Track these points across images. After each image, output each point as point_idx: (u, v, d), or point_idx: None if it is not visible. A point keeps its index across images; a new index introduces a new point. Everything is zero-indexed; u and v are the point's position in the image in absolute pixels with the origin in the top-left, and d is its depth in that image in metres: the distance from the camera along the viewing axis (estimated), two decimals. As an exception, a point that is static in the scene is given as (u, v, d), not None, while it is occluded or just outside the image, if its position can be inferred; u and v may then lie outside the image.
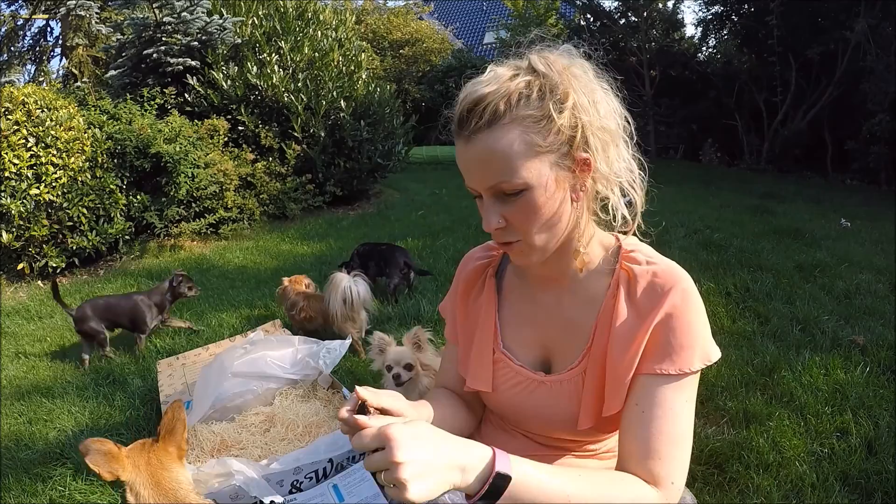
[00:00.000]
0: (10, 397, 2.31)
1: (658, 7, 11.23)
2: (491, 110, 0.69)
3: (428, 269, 3.41)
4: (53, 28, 10.47)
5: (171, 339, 2.77)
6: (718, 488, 1.51)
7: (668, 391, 0.74)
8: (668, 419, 0.73)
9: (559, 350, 0.85)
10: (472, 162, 0.73)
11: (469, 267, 0.97)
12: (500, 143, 0.69)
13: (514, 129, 0.69)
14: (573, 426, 0.82)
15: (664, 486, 0.72)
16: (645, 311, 0.75)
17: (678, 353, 0.74)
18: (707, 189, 7.00)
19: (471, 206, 5.78)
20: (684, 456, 0.74)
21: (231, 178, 4.99)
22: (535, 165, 0.70)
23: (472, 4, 19.61)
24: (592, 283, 0.82)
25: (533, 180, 0.70)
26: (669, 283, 0.75)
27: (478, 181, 0.74)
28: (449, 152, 11.37)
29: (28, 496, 1.65)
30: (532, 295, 0.88)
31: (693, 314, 0.75)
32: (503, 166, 0.70)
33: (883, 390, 1.93)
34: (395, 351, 1.66)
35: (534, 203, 0.71)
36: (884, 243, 4.05)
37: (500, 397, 0.89)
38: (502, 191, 0.72)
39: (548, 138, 0.69)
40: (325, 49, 5.91)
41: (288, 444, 1.65)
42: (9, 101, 3.93)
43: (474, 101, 0.70)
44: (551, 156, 0.70)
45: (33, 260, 4.07)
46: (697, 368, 0.75)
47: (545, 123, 0.69)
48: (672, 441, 0.73)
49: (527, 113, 0.69)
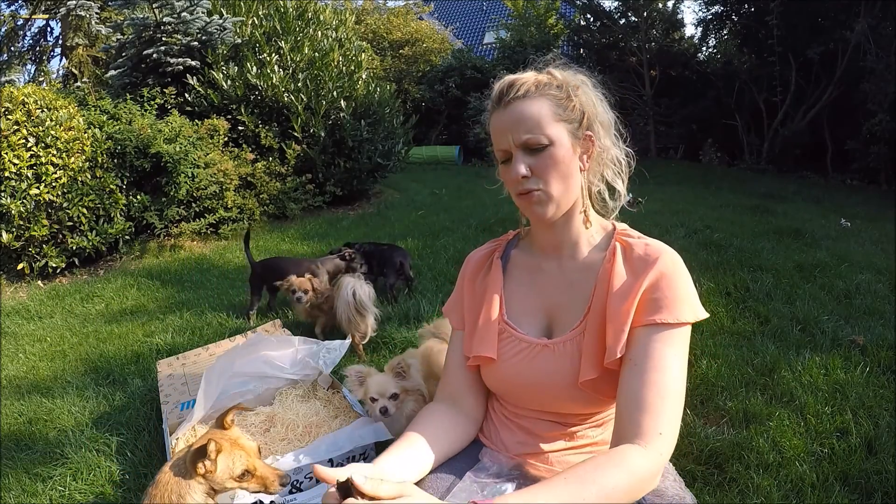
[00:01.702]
0: (10, 397, 2.31)
1: (658, 7, 11.23)
2: (525, 88, 0.89)
3: (427, 269, 3.41)
4: (53, 28, 10.48)
5: (172, 338, 2.77)
6: (718, 488, 1.51)
7: (659, 343, 0.83)
8: (659, 370, 0.81)
9: (561, 314, 0.95)
10: (509, 122, 0.89)
11: (474, 259, 1.08)
12: (532, 107, 0.88)
13: (543, 100, 0.89)
14: (574, 383, 0.89)
15: (651, 438, 0.77)
16: (639, 271, 0.88)
17: (670, 305, 0.84)
18: (707, 189, 7.00)
19: (470, 205, 5.80)
20: (673, 409, 0.80)
21: (231, 178, 4.99)
22: (558, 129, 0.88)
23: (472, 4, 19.61)
24: (592, 253, 0.96)
25: (556, 138, 0.88)
26: (660, 251, 0.89)
27: (513, 136, 0.89)
28: (449, 152, 11.37)
29: (28, 496, 1.65)
30: (537, 265, 1.00)
31: (681, 276, 0.87)
32: (534, 125, 0.87)
33: (883, 390, 1.93)
34: (378, 381, 1.50)
35: (555, 157, 0.88)
36: (884, 243, 4.05)
37: (503, 366, 0.95)
38: (531, 145, 0.88)
39: (566, 112, 0.89)
40: (325, 49, 5.91)
41: (288, 444, 1.65)
42: (9, 101, 3.93)
43: (511, 81, 0.90)
44: (569, 125, 0.89)
45: (33, 260, 4.07)
46: (688, 319, 0.84)
47: (565, 101, 0.89)
48: (661, 393, 0.80)
49: (551, 93, 0.89)
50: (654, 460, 0.76)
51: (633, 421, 0.78)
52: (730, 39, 11.19)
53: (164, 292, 3.66)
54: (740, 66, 10.39)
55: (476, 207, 5.50)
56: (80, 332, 3.04)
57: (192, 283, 3.76)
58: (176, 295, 3.56)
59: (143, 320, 3.12)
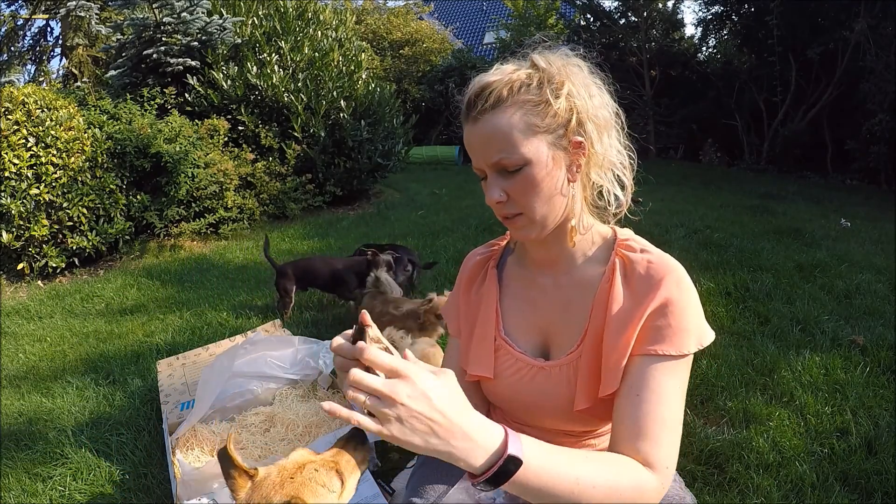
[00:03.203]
0: (10, 397, 2.31)
1: (658, 7, 11.22)
2: (495, 95, 0.76)
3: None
4: (53, 28, 10.49)
5: (172, 338, 2.77)
6: (718, 488, 1.51)
7: (660, 374, 0.76)
8: (660, 402, 0.75)
9: (557, 335, 0.88)
10: (478, 140, 0.79)
11: (471, 262, 1.01)
12: (502, 122, 0.76)
13: (516, 110, 0.76)
14: (570, 409, 0.84)
15: (659, 470, 0.72)
16: (641, 295, 0.78)
17: (674, 335, 0.76)
18: (707, 189, 6.99)
19: (470, 205, 5.80)
20: (674, 440, 0.75)
21: (231, 178, 4.99)
22: (534, 143, 0.76)
23: (472, 4, 19.61)
24: (589, 268, 0.86)
25: (532, 156, 0.76)
26: (664, 271, 0.78)
27: (482, 158, 0.79)
28: (449, 152, 11.36)
29: (28, 496, 1.65)
30: (532, 279, 0.91)
31: (688, 302, 0.78)
32: (505, 143, 0.76)
33: (883, 390, 1.93)
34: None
35: (533, 178, 0.77)
36: (884, 243, 4.05)
37: (501, 384, 0.90)
38: (504, 166, 0.77)
39: (545, 120, 0.76)
40: (325, 49, 5.91)
41: (288, 445, 1.65)
42: (9, 101, 3.93)
43: (481, 88, 0.78)
44: (549, 136, 0.77)
45: (33, 260, 4.07)
46: (691, 350, 0.77)
47: (543, 107, 0.76)
48: (663, 424, 0.74)
49: (527, 98, 0.76)
50: (659, 490, 0.72)
51: (637, 450, 0.73)
52: (730, 39, 11.17)
53: (164, 292, 3.66)
54: (740, 66, 10.37)
55: (476, 207, 5.50)
56: (80, 332, 3.04)
57: (192, 283, 3.76)
58: (176, 295, 3.56)
59: (143, 320, 3.12)
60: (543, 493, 0.63)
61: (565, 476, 0.64)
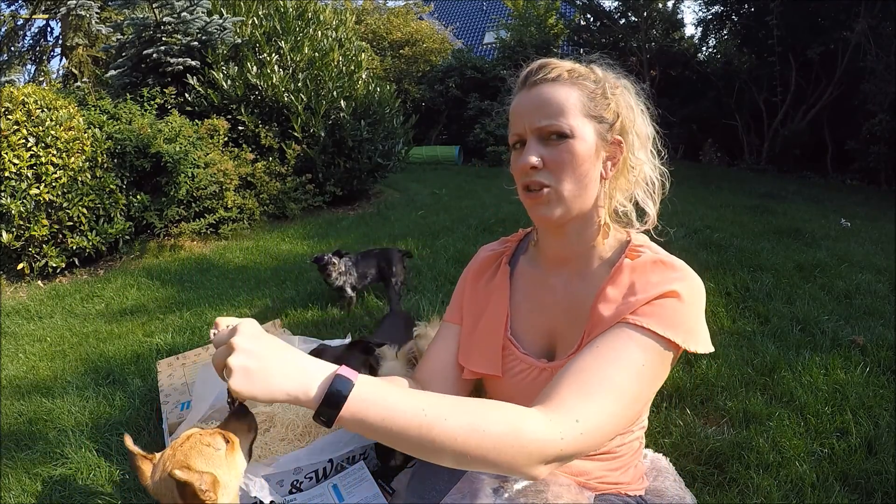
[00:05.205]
0: (10, 397, 2.31)
1: (658, 7, 11.22)
2: (557, 72, 0.80)
3: (427, 269, 3.40)
4: (53, 28, 10.48)
5: (172, 338, 2.77)
6: (718, 488, 1.51)
7: (633, 343, 0.72)
8: (613, 362, 0.70)
9: (563, 336, 0.88)
10: (530, 104, 0.80)
11: (483, 255, 1.02)
12: (560, 93, 0.79)
13: (575, 89, 0.79)
14: None
15: (561, 417, 0.65)
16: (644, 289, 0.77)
17: (666, 318, 0.74)
18: (707, 189, 6.99)
19: (470, 206, 5.80)
20: (606, 404, 0.68)
21: (231, 178, 4.99)
22: (584, 123, 0.79)
23: (472, 4, 19.61)
24: (600, 270, 0.86)
25: (578, 131, 0.78)
26: (673, 278, 0.78)
27: (528, 121, 0.80)
28: (449, 152, 11.36)
29: (28, 496, 1.65)
30: (543, 280, 0.92)
31: (691, 301, 0.76)
32: (558, 111, 0.78)
33: (883, 390, 1.93)
34: (390, 368, 1.38)
35: (574, 151, 0.78)
36: (884, 243, 4.05)
37: (506, 384, 0.91)
38: (549, 132, 0.79)
39: (598, 109, 0.80)
40: (325, 49, 5.91)
41: (288, 445, 1.65)
42: (9, 101, 3.93)
43: (545, 62, 0.82)
44: (597, 124, 0.80)
45: (33, 260, 4.07)
46: (676, 340, 0.73)
47: (599, 97, 0.80)
48: (602, 382, 0.68)
49: (586, 84, 0.81)
50: (548, 434, 0.62)
51: (555, 386, 0.68)
52: (730, 39, 11.18)
53: (164, 292, 3.66)
54: (740, 66, 10.38)
55: (476, 207, 5.50)
56: (80, 332, 3.04)
57: (192, 283, 3.76)
58: (176, 295, 3.56)
59: (143, 320, 3.12)
60: (388, 429, 0.60)
61: (410, 406, 0.60)
